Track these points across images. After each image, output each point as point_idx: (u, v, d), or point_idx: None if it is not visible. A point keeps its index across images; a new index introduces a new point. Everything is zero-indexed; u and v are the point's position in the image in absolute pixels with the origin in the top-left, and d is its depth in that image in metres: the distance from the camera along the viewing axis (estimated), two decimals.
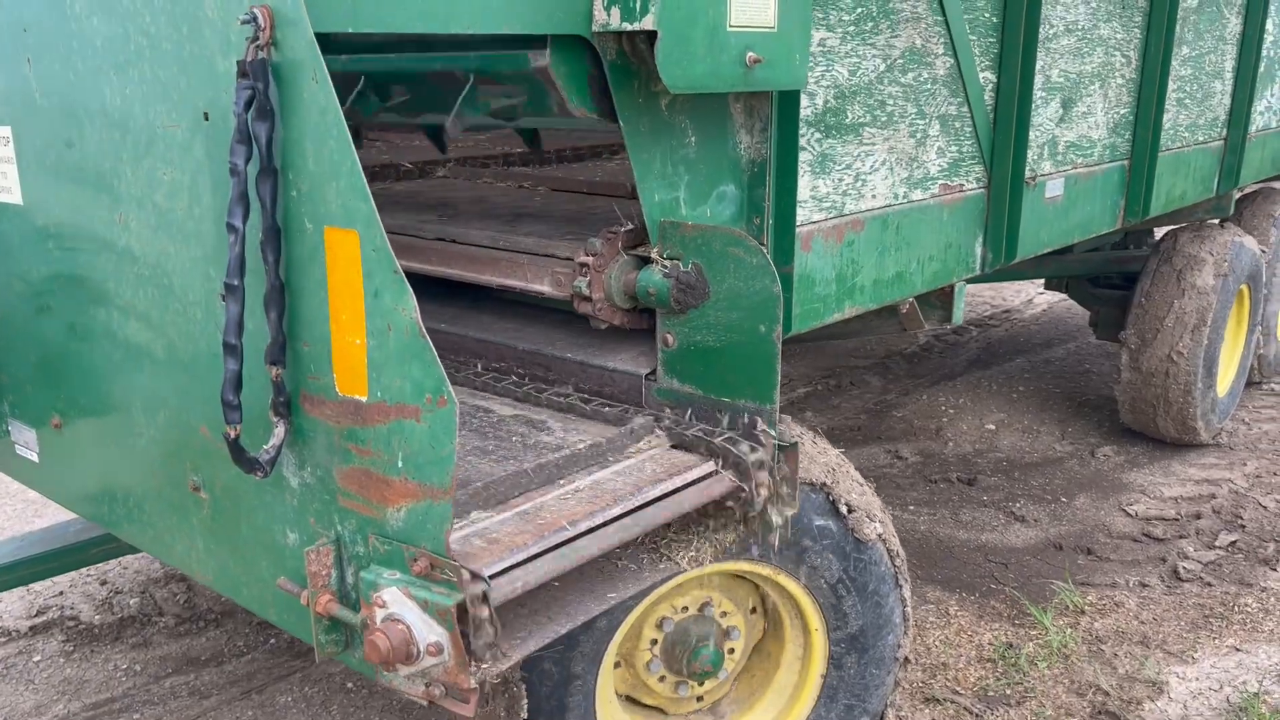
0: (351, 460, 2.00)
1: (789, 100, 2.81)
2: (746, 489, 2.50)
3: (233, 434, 1.98)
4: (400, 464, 1.92)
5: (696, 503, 2.44)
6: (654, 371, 2.78)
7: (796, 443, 2.59)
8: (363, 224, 1.84)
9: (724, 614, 3.07)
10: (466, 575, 1.87)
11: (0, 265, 2.90)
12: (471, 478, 2.35)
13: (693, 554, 2.60)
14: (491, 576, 1.96)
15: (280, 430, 2.04)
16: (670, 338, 2.71)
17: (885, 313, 3.65)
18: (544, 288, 2.88)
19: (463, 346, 3.21)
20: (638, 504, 2.33)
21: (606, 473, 2.46)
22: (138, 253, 2.37)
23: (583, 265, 2.73)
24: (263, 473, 2.02)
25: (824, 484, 3.05)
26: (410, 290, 1.84)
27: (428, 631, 1.85)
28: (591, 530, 2.21)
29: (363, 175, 1.83)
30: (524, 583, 2.00)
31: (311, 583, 2.01)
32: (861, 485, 3.13)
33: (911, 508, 5.50)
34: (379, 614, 1.89)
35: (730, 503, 2.55)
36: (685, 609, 2.98)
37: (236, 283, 1.95)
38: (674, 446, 2.62)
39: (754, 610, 3.20)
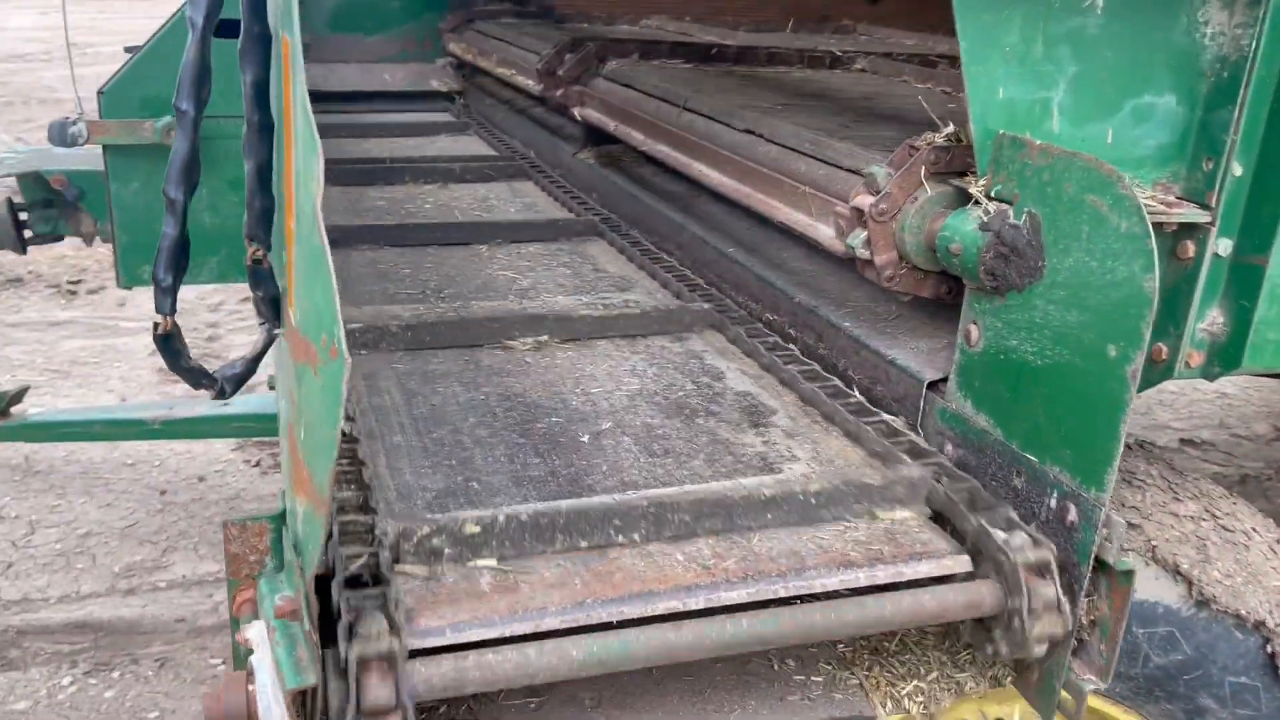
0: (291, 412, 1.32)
1: None
2: (1016, 612, 1.40)
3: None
4: (302, 434, 1.19)
5: (906, 615, 1.40)
6: (945, 379, 1.72)
7: (1132, 570, 1.41)
8: None
9: None
10: (351, 643, 1.11)
11: None
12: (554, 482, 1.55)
13: (917, 694, 1.56)
14: (416, 652, 1.17)
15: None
16: (974, 331, 1.63)
17: None
18: (824, 235, 1.90)
19: (743, 283, 2.34)
20: (786, 590, 1.37)
21: (792, 536, 1.50)
22: None
23: (857, 211, 1.72)
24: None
25: (1260, 622, 1.83)
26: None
27: (277, 712, 1.11)
28: (679, 616, 1.31)
29: None
30: (476, 677, 1.18)
31: (230, 567, 1.37)
32: None
33: None
34: (248, 655, 1.20)
35: (991, 627, 1.47)
36: None
37: None
38: (934, 516, 1.56)
39: None
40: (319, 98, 4.79)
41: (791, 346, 2.06)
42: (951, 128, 1.65)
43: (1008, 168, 1.54)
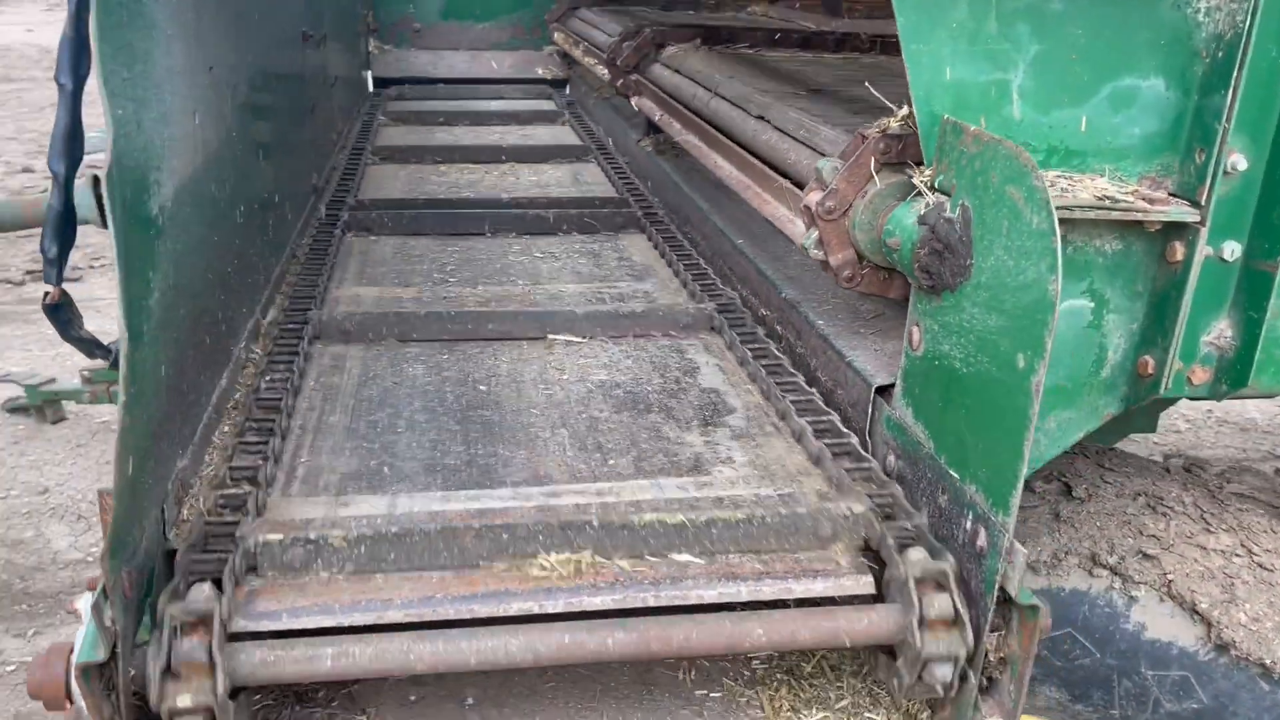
0: None
1: None
2: (910, 642, 1.28)
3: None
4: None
5: (784, 637, 1.30)
6: (892, 385, 1.59)
7: (1038, 606, 1.26)
8: None
9: None
10: (174, 609, 1.12)
11: None
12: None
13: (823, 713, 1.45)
14: (238, 635, 1.16)
15: None
16: (916, 333, 1.50)
17: None
18: (797, 233, 1.78)
19: (746, 277, 2.24)
20: (656, 599, 1.30)
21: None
22: None
23: (806, 210, 1.60)
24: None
25: None
26: None
27: (80, 686, 1.13)
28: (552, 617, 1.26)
29: None
30: (307, 662, 1.17)
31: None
32: None
33: None
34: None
35: (896, 653, 1.35)
36: None
37: None
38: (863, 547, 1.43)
39: None
40: (426, 83, 4.91)
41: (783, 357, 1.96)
42: (906, 109, 1.52)
43: (949, 156, 1.41)
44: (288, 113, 2.46)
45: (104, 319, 6.28)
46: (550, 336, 2.06)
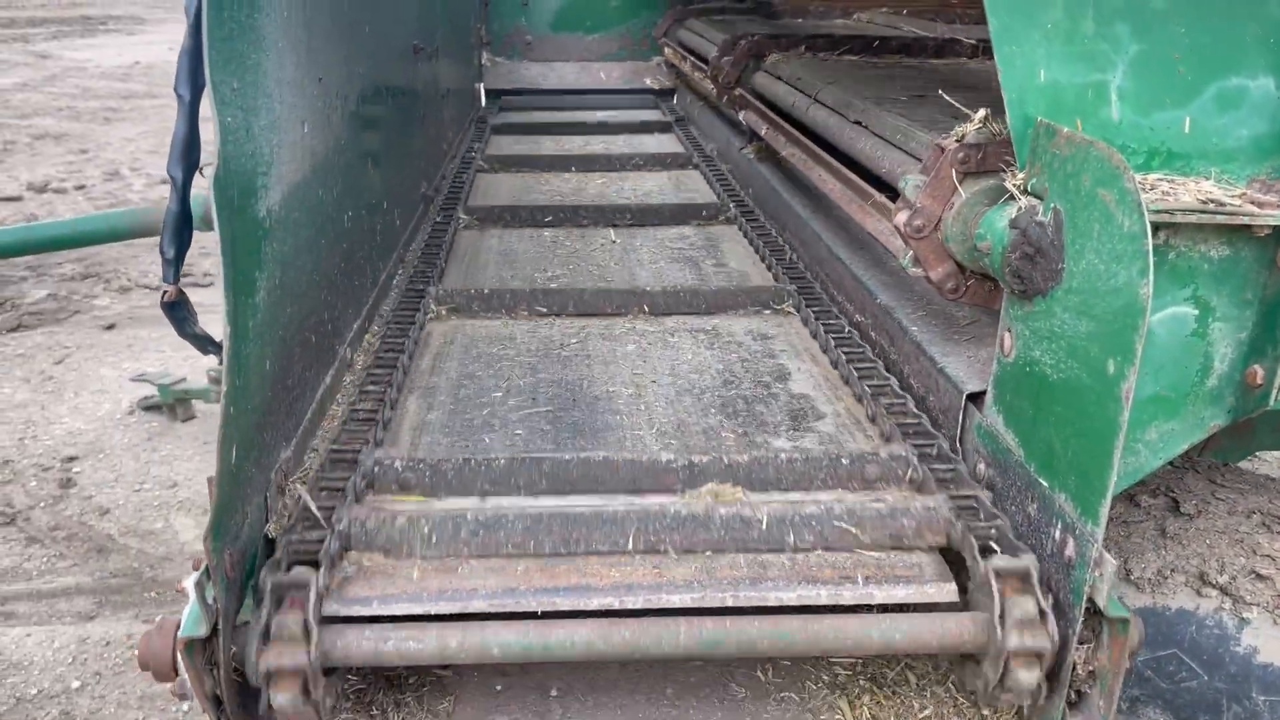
0: None
1: None
2: (993, 650, 1.26)
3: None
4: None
5: (872, 641, 1.29)
6: (984, 393, 1.56)
7: (1128, 619, 1.22)
8: None
9: None
10: (272, 594, 1.18)
11: None
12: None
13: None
14: (330, 619, 1.22)
15: None
16: (1009, 339, 1.47)
17: None
18: (897, 248, 1.76)
19: (841, 282, 2.23)
20: (735, 600, 1.31)
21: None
22: None
23: (898, 229, 1.58)
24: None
25: None
26: None
27: (183, 659, 1.20)
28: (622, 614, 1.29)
29: None
30: (380, 647, 1.21)
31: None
32: None
33: None
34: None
35: (978, 660, 1.32)
36: None
37: None
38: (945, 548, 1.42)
39: None
40: (538, 94, 5.01)
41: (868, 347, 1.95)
42: (981, 113, 1.50)
43: (1042, 159, 1.38)
44: (398, 123, 2.55)
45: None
46: (640, 323, 2.14)
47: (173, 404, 4.60)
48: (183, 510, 4.30)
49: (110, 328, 5.78)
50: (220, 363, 1.75)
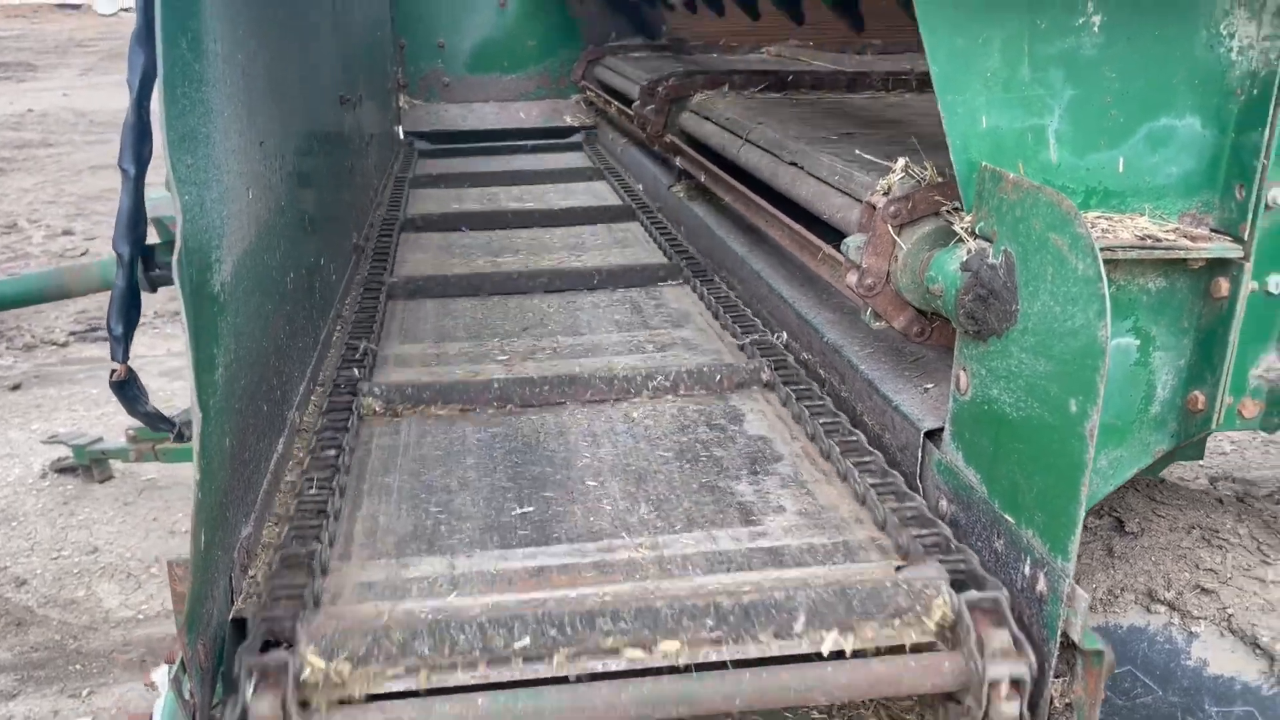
0: None
1: None
2: (975, 683, 1.28)
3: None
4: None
5: (859, 685, 1.30)
6: (941, 429, 1.60)
7: (1102, 651, 1.25)
8: None
9: None
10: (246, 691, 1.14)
11: None
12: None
13: None
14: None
15: None
16: (964, 378, 1.51)
17: None
18: (850, 293, 1.77)
19: (786, 320, 2.26)
20: (719, 654, 1.31)
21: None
22: None
23: (870, 209, 1.61)
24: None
25: None
26: None
27: None
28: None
29: None
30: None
31: (179, 607, 1.43)
32: None
33: None
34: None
35: (959, 698, 1.34)
36: None
37: None
38: (900, 565, 1.45)
39: None
40: (456, 137, 4.99)
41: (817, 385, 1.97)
42: (901, 162, 1.55)
43: (988, 203, 1.43)
44: (330, 176, 2.51)
45: (145, 376, 6.33)
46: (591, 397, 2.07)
47: (89, 465, 4.44)
48: (105, 576, 4.14)
49: (16, 388, 5.56)
50: (173, 438, 1.69)
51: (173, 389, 5.30)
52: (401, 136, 4.92)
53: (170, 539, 4.61)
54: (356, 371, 2.07)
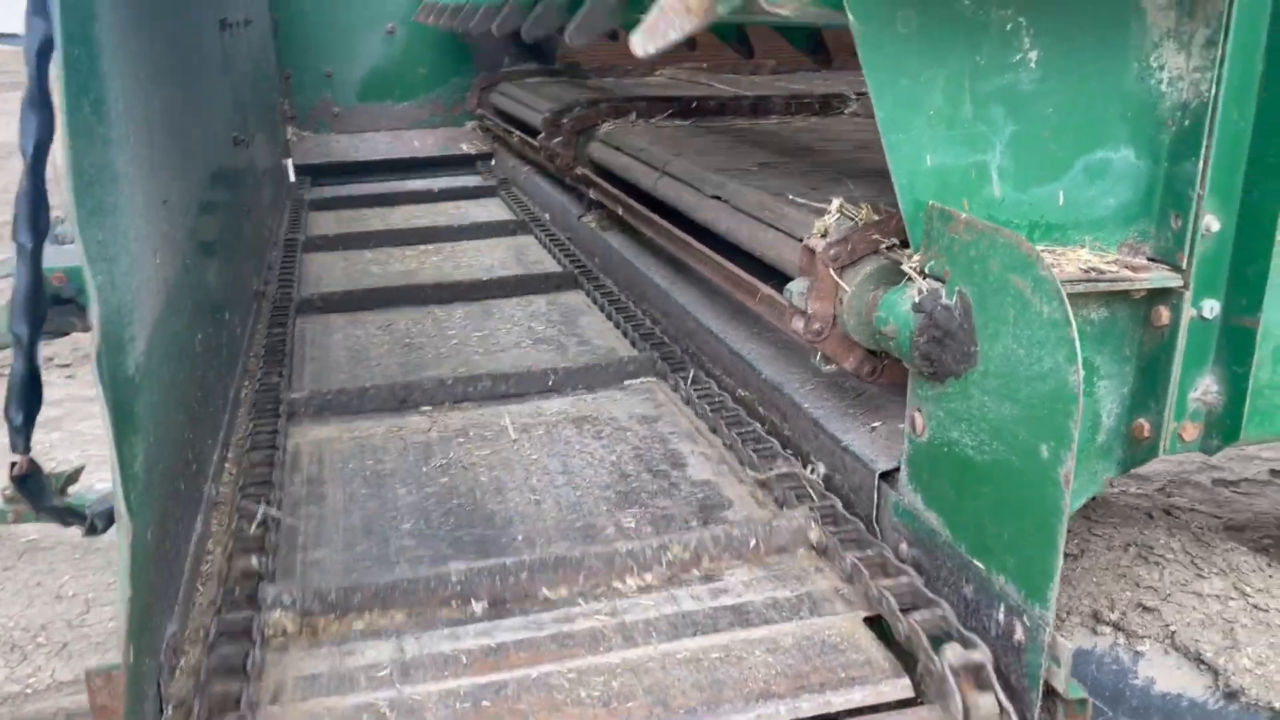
0: None
1: None
2: None
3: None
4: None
5: None
6: (897, 470, 1.57)
7: (1086, 699, 1.24)
8: None
9: None
10: None
11: None
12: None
13: None
14: None
15: None
16: (919, 419, 1.48)
17: None
18: (796, 330, 1.74)
19: (718, 357, 2.22)
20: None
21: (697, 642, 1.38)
22: None
23: (809, 253, 1.58)
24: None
25: None
26: None
27: None
28: None
29: None
30: None
31: None
32: None
33: None
34: None
35: None
36: None
37: None
38: (869, 618, 1.42)
39: None
40: (349, 169, 4.83)
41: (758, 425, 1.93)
42: (836, 203, 1.53)
43: (939, 242, 1.40)
44: (229, 223, 2.38)
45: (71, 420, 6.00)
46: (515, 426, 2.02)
47: None
48: None
49: None
50: (84, 532, 1.56)
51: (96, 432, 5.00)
52: (291, 173, 4.71)
53: (57, 604, 4.31)
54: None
